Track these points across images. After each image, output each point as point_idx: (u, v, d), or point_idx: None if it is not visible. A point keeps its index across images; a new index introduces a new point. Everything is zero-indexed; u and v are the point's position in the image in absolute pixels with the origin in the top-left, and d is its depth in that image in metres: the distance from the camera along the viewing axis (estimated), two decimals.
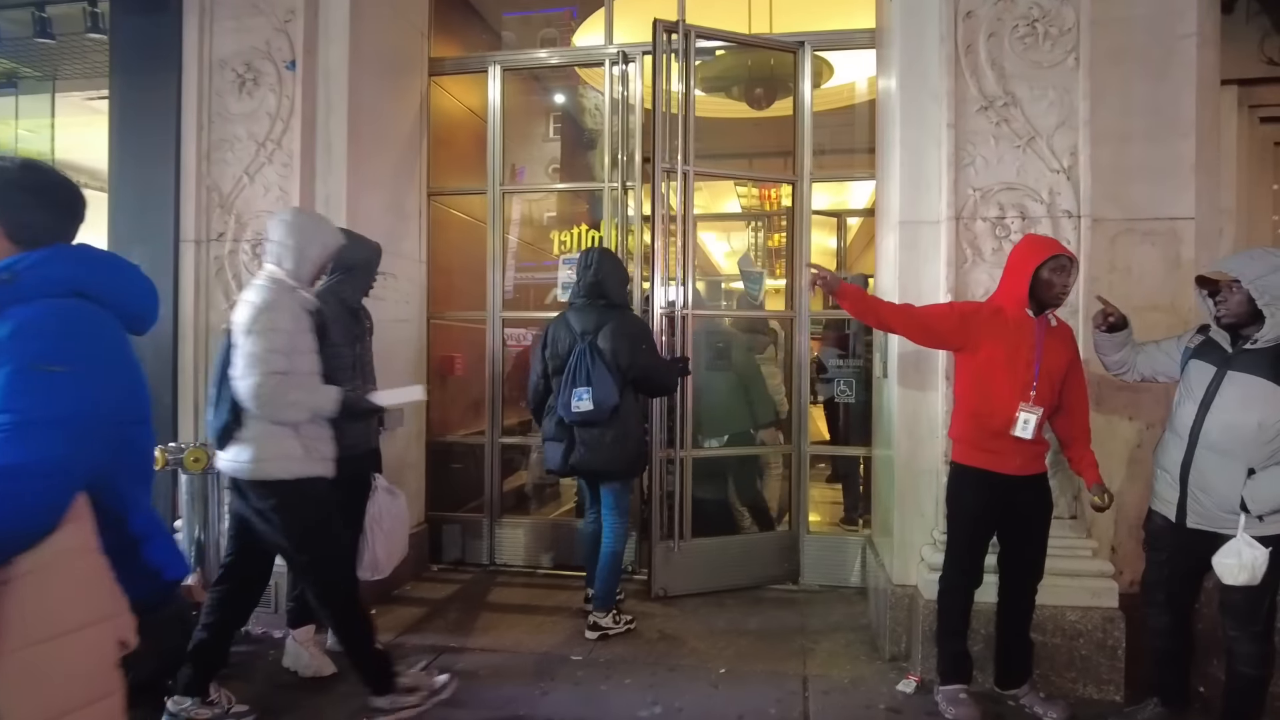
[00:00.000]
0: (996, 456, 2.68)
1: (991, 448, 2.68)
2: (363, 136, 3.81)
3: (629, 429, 3.44)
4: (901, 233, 3.25)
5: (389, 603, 3.86)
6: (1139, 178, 3.13)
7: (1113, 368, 2.76)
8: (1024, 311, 2.64)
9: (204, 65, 3.67)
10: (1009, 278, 2.70)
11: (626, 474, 3.58)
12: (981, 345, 2.67)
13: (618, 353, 3.37)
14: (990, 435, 2.67)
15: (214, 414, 2.52)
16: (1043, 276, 2.59)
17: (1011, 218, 3.08)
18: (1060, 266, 2.60)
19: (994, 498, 2.71)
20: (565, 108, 7.10)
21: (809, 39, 4.23)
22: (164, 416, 3.68)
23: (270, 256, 2.58)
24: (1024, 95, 3.07)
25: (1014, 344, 2.63)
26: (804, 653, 3.33)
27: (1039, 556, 2.76)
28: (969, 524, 2.77)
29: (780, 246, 9.23)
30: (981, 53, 3.09)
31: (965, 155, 3.10)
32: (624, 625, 3.54)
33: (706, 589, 3.97)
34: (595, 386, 3.32)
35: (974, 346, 2.69)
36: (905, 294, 3.21)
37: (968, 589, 2.80)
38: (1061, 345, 2.70)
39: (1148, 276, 3.13)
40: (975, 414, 2.71)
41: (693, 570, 3.97)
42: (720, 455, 4.31)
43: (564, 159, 7.34)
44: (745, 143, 6.69)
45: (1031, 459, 2.70)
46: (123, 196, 3.80)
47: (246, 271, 3.66)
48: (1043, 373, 2.62)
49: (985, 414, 2.67)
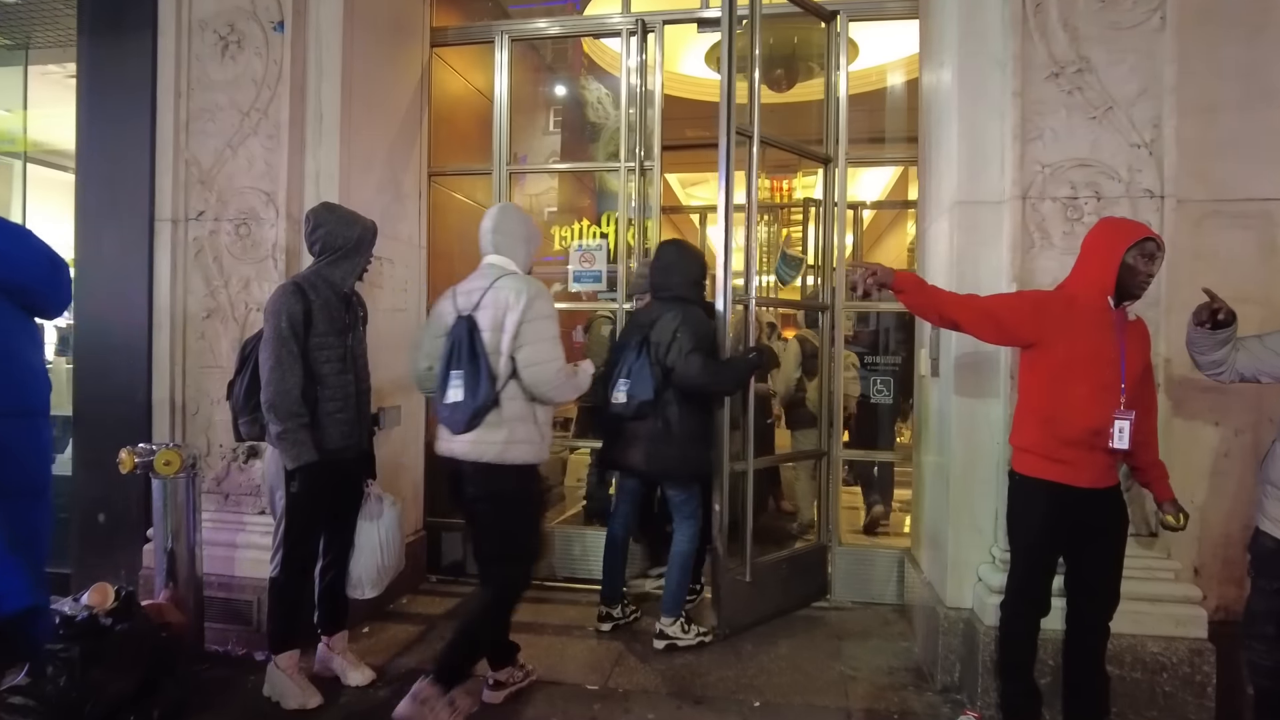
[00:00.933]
0: (1069, 468, 2.33)
1: (1065, 458, 2.33)
2: (357, 107, 3.47)
3: (672, 427, 3.14)
4: (959, 214, 2.90)
5: (382, 619, 3.52)
6: (1228, 153, 2.79)
7: (1207, 368, 2.40)
8: (1105, 302, 2.30)
9: (182, 26, 3.33)
10: (1089, 263, 2.36)
11: (676, 476, 3.26)
12: (1057, 340, 2.32)
13: (660, 346, 3.14)
14: (1064, 444, 2.33)
15: (464, 395, 2.48)
16: (1128, 262, 2.26)
17: (1085, 197, 2.74)
18: (1147, 253, 2.27)
19: (1064, 514, 2.37)
20: (573, 93, 6.79)
21: (844, 8, 3.88)
22: (136, 415, 3.36)
23: (493, 248, 2.66)
24: (1100, 60, 2.73)
25: (1096, 340, 2.29)
26: (845, 681, 2.99)
27: (1115, 579, 2.41)
28: (1036, 543, 2.43)
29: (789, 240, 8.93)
30: (1053, 12, 2.76)
31: (1032, 127, 2.77)
32: (695, 637, 3.26)
33: (764, 616, 3.55)
34: (633, 380, 3.14)
35: (1048, 342, 2.35)
36: (962, 284, 2.87)
37: (1034, 617, 2.46)
38: (1140, 343, 2.37)
39: (1238, 264, 2.78)
40: (1049, 419, 2.35)
41: (755, 598, 3.50)
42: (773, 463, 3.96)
43: (567, 148, 7.05)
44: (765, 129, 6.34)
45: (1106, 470, 2.36)
46: (92, 171, 3.46)
47: (229, 254, 3.32)
48: (1128, 371, 2.29)
49: (1062, 420, 2.32)
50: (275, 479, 2.66)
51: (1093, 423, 2.27)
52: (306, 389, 2.58)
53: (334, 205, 2.84)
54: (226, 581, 3.23)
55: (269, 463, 2.71)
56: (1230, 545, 2.81)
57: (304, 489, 2.59)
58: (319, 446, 2.58)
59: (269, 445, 2.67)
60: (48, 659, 2.39)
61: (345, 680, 2.91)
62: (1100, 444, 2.27)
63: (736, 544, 3.37)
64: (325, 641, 2.95)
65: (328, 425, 2.63)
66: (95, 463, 3.33)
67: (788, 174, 8.41)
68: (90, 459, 3.39)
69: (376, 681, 2.92)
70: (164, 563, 2.99)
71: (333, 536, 2.82)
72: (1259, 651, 2.27)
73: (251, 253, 3.30)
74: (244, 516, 3.31)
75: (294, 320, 2.55)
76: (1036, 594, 2.45)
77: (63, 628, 2.46)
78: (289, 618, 2.76)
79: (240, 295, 3.30)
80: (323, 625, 2.93)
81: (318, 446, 2.58)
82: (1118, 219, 2.44)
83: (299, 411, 2.54)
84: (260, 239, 3.28)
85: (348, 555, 2.86)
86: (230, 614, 3.21)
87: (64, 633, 2.44)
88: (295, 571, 2.72)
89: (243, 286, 3.30)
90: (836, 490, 3.94)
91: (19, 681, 2.40)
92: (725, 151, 3.23)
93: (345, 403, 2.68)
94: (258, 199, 3.29)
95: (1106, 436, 2.26)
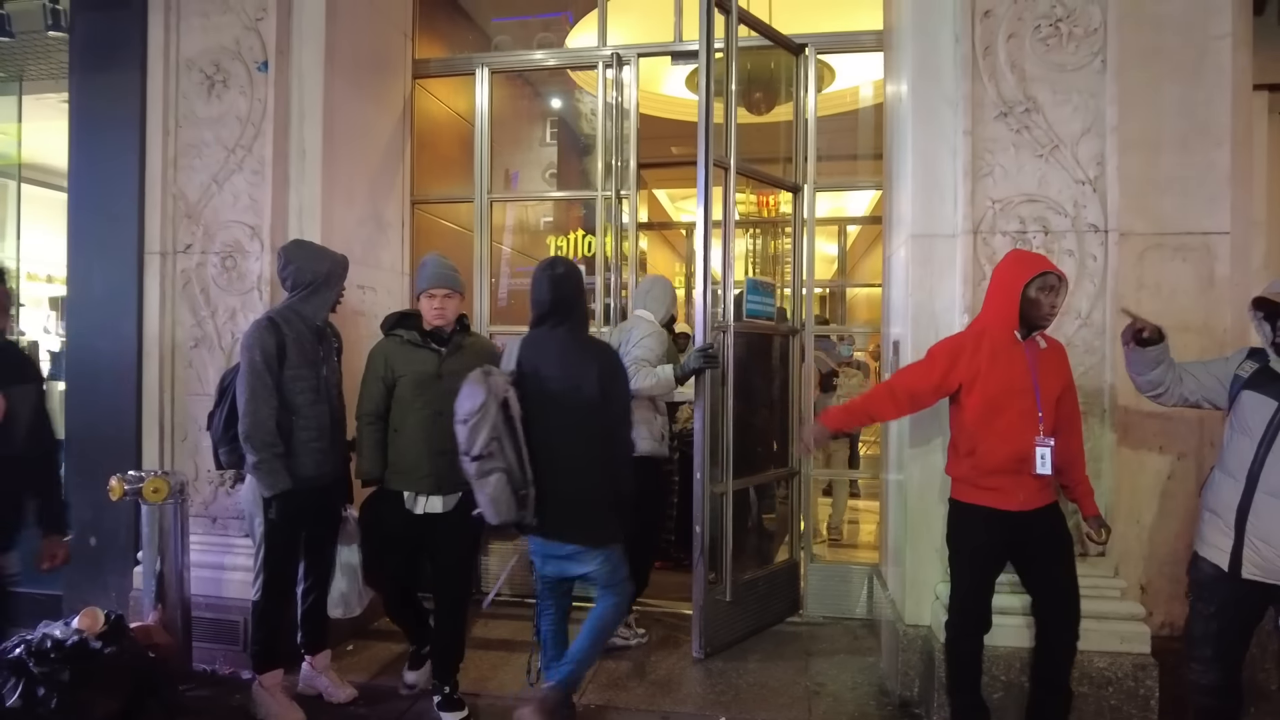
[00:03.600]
0: (999, 494, 2.46)
1: (993, 485, 2.46)
2: (339, 141, 3.59)
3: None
4: (914, 247, 3.03)
5: (365, 638, 3.62)
6: (1169, 189, 2.91)
7: (1146, 388, 2.49)
8: (1013, 334, 2.43)
9: (170, 65, 3.45)
10: (995, 297, 2.50)
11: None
12: (974, 378, 2.46)
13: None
14: (989, 473, 2.46)
15: None
16: (1030, 295, 2.40)
17: (1033, 232, 2.86)
18: (1049, 285, 2.41)
19: (1000, 536, 2.49)
20: (562, 113, 6.88)
21: (812, 40, 4.01)
22: (126, 441, 3.47)
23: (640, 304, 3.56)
24: (1046, 100, 2.86)
25: (1007, 372, 2.42)
26: (809, 696, 3.10)
27: (1067, 593, 2.50)
28: (972, 564, 2.56)
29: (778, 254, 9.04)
30: (1000, 54, 2.88)
31: (983, 164, 2.89)
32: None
33: (743, 634, 3.65)
34: None
35: (968, 382, 2.48)
36: (919, 312, 3.00)
37: (977, 635, 2.58)
38: (1055, 366, 2.49)
39: (1179, 295, 2.91)
40: (972, 452, 2.49)
41: (734, 617, 3.59)
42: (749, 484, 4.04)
43: (560, 165, 7.13)
44: (745, 149, 6.46)
45: (1037, 491, 2.46)
46: (83, 206, 3.58)
47: (215, 285, 3.43)
48: (1043, 399, 2.41)
49: (984, 451, 2.45)
50: (253, 506, 2.78)
51: (1013, 451, 2.40)
52: (281, 419, 2.70)
53: (304, 242, 2.96)
54: (214, 602, 3.33)
55: (247, 490, 2.83)
56: (1177, 563, 2.91)
57: (281, 516, 2.70)
58: (294, 474, 2.69)
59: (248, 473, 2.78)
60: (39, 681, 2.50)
61: (328, 698, 3.01)
62: (1025, 469, 2.39)
63: (716, 564, 3.50)
64: (308, 660, 3.05)
65: (302, 454, 2.74)
66: (86, 487, 3.42)
67: (773, 190, 8.53)
68: (81, 483, 3.49)
69: (358, 699, 3.03)
70: (152, 585, 3.09)
71: (313, 560, 2.93)
72: (1198, 671, 2.36)
73: (237, 284, 3.41)
74: (231, 539, 3.42)
75: (267, 354, 2.67)
76: (978, 612, 2.56)
77: (53, 651, 2.57)
78: (271, 639, 2.86)
79: (226, 325, 3.42)
80: (306, 645, 3.04)
81: (293, 475, 2.69)
82: (1022, 252, 2.59)
83: (273, 442, 2.66)
84: (245, 271, 3.40)
85: (329, 578, 2.97)
86: (218, 634, 3.32)
87: (54, 656, 2.55)
88: (275, 594, 2.83)
89: (229, 317, 3.42)
90: (809, 507, 4.05)
91: (11, 704, 2.50)
92: (704, 180, 3.31)
93: (320, 432, 2.79)
94: (243, 232, 3.41)
95: (1030, 463, 2.37)
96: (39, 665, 2.52)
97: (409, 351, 2.84)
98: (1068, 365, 2.55)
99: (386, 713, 2.97)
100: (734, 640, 3.57)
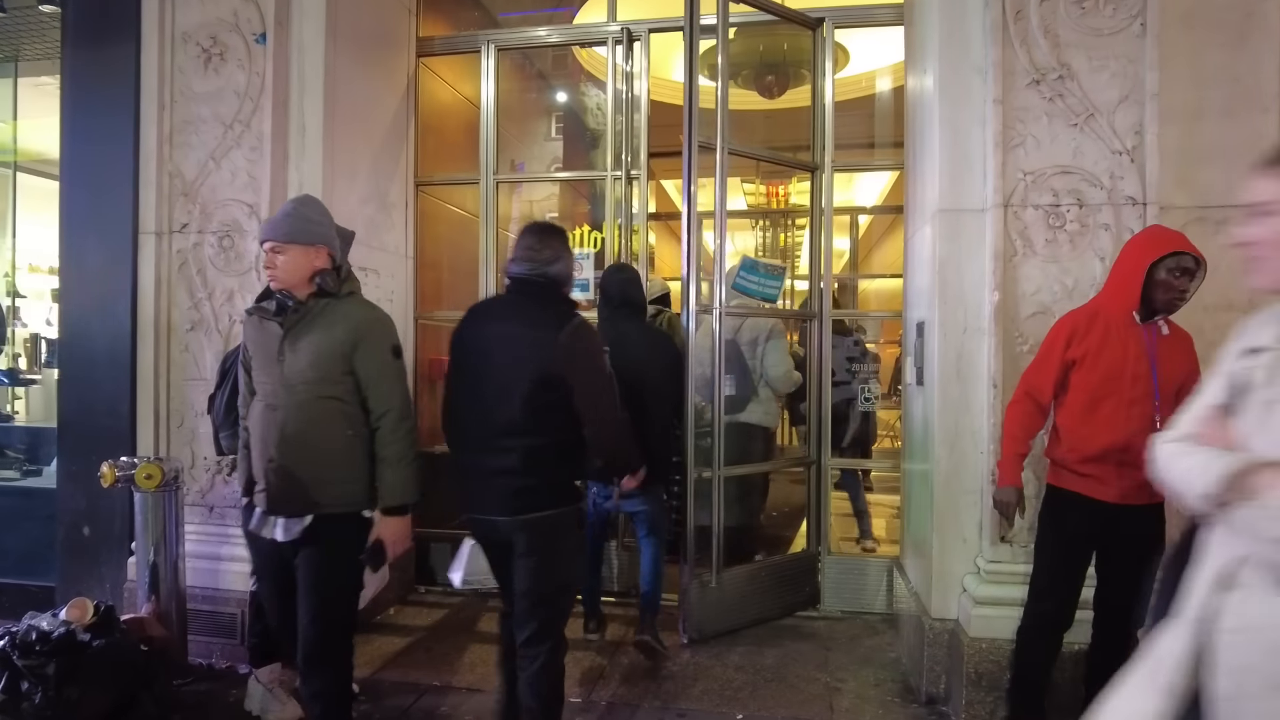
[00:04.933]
0: (1095, 482, 2.28)
1: (1089, 472, 2.28)
2: (340, 118, 3.46)
3: None
4: (940, 223, 2.89)
5: (369, 631, 3.49)
6: (1212, 160, 2.76)
7: None
8: (1130, 315, 2.25)
9: (165, 38, 3.33)
10: (1116, 275, 2.33)
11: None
12: (1083, 360, 2.28)
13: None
14: (1086, 460, 2.28)
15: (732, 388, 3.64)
16: (1158, 276, 2.21)
17: (1067, 205, 2.72)
18: (1183, 268, 2.21)
19: (1092, 527, 2.31)
20: (569, 99, 6.78)
21: (829, 14, 3.87)
22: (120, 427, 3.35)
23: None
24: (1081, 66, 2.71)
25: (1119, 355, 2.24)
26: (830, 693, 2.96)
27: (1141, 595, 2.33)
28: (1055, 552, 2.37)
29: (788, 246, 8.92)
30: (1033, 19, 2.74)
31: (1014, 135, 2.75)
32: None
33: (739, 624, 3.54)
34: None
35: (1078, 364, 2.30)
36: (945, 293, 2.86)
37: (1057, 628, 2.37)
38: (1179, 355, 2.29)
39: (1222, 271, 2.71)
40: (1071, 434, 2.32)
41: (728, 605, 3.51)
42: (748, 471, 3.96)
43: (566, 153, 7.03)
44: (755, 136, 6.34)
45: (1136, 486, 2.20)
46: (76, 184, 3.46)
47: (212, 266, 3.31)
48: (1162, 389, 2.22)
49: (1085, 436, 2.28)
50: None
51: (1117, 440, 2.21)
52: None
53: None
54: (211, 594, 3.22)
55: None
56: None
57: None
58: None
59: None
60: (24, 675, 2.38)
61: None
62: (1130, 460, 2.15)
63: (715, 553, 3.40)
64: None
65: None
66: (80, 475, 3.32)
67: (782, 180, 8.41)
68: (74, 471, 3.38)
69: (360, 694, 2.91)
70: (146, 576, 2.97)
71: None
72: None
73: (235, 265, 3.29)
74: (228, 529, 3.29)
75: None
76: (1058, 607, 2.37)
77: (39, 644, 2.45)
78: (268, 632, 2.74)
79: (224, 308, 3.30)
80: None
81: None
82: (1159, 229, 2.39)
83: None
84: (243, 251, 3.28)
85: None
86: (215, 627, 3.20)
87: (40, 649, 2.44)
88: None
89: (226, 299, 3.30)
90: (827, 498, 3.92)
91: None
92: (688, 160, 3.32)
93: None
94: (241, 211, 3.29)
95: (1137, 454, 2.19)
96: (24, 658, 2.41)
97: (259, 326, 2.28)
98: (1194, 354, 2.33)
99: (390, 709, 2.86)
100: (725, 630, 3.47)
